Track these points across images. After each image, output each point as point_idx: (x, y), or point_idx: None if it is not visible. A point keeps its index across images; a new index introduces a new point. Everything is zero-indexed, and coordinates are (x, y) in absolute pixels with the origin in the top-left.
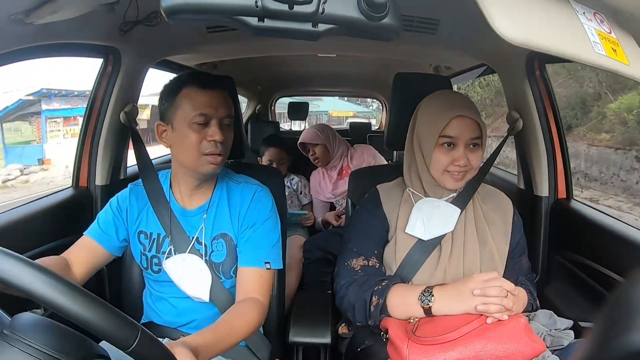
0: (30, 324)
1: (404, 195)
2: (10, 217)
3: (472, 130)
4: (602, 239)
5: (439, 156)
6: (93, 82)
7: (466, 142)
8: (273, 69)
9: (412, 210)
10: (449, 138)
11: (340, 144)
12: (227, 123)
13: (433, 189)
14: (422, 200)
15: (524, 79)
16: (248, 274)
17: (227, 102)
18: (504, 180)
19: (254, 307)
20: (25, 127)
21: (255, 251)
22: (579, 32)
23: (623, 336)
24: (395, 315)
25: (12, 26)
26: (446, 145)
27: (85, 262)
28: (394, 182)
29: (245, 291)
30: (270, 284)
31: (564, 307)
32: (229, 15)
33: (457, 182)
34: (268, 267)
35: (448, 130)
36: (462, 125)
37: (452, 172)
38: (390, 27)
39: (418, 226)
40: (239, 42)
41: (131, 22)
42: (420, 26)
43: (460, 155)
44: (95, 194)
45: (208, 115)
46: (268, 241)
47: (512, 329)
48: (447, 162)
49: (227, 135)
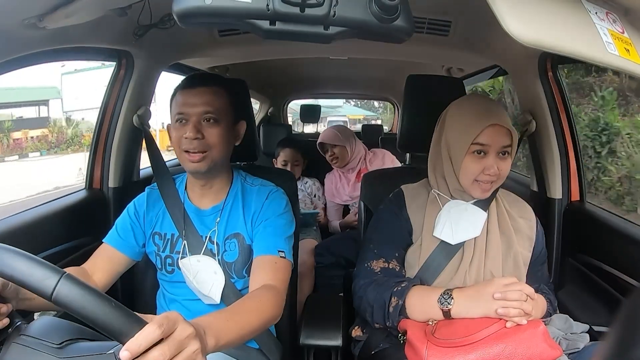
0: (41, 325)
1: (429, 197)
2: (25, 218)
3: (504, 139)
4: (617, 242)
5: (469, 164)
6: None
7: (497, 150)
8: (285, 72)
9: (441, 213)
10: (481, 146)
11: (360, 147)
12: (207, 119)
13: (460, 194)
14: (449, 202)
15: (536, 80)
16: (262, 261)
17: (210, 99)
18: (517, 182)
19: (267, 291)
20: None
21: (269, 240)
22: (591, 32)
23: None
24: (414, 317)
25: (26, 31)
26: (477, 153)
27: (106, 270)
28: (419, 184)
29: (259, 279)
30: (287, 274)
31: (578, 311)
32: (241, 18)
33: (485, 193)
34: (282, 256)
35: (481, 139)
36: (495, 133)
37: (481, 182)
38: (401, 29)
39: (446, 230)
40: (251, 45)
41: (145, 26)
42: (432, 28)
43: (490, 164)
44: (108, 196)
45: (185, 113)
46: (282, 233)
47: (531, 333)
48: (477, 171)
49: (208, 132)
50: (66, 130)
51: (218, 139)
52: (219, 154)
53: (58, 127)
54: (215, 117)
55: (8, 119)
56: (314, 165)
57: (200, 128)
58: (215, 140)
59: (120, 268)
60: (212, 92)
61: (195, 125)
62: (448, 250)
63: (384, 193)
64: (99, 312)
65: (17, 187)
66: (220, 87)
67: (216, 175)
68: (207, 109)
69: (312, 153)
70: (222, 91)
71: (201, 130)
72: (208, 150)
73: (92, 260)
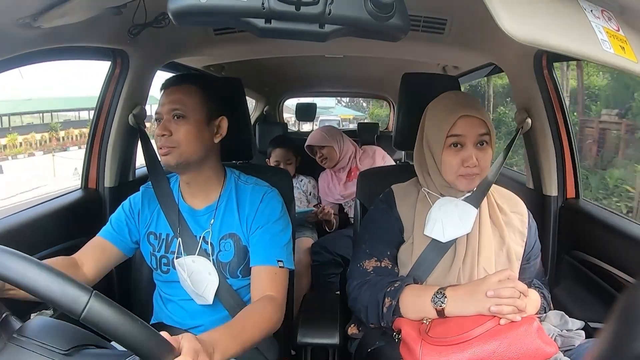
0: (40, 326)
1: (419, 196)
2: (20, 218)
3: (478, 128)
4: (612, 238)
5: (448, 158)
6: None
7: (474, 140)
8: (281, 71)
9: (431, 211)
10: (456, 137)
11: (348, 146)
12: (175, 115)
13: (447, 190)
14: (440, 200)
15: (532, 78)
16: (262, 272)
17: (178, 97)
18: (513, 179)
19: (269, 304)
20: None
21: (267, 250)
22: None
23: (636, 341)
24: (407, 316)
25: (20, 30)
26: (454, 145)
27: (96, 261)
28: (409, 182)
29: (260, 290)
30: (285, 282)
31: (573, 308)
32: (236, 17)
33: (470, 184)
34: (281, 266)
35: (455, 130)
36: (468, 124)
37: (464, 175)
38: (397, 27)
39: (437, 227)
40: (246, 44)
41: (140, 25)
42: (427, 26)
43: (469, 155)
44: (104, 195)
45: (159, 112)
46: (279, 240)
47: (525, 330)
48: (457, 164)
49: (175, 129)
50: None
51: (185, 135)
52: (188, 149)
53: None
54: (182, 113)
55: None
56: (310, 163)
57: (169, 125)
58: (181, 137)
59: (111, 262)
60: (182, 90)
61: (164, 123)
62: (440, 248)
63: (379, 191)
64: (128, 333)
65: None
66: (193, 85)
67: (200, 172)
68: (175, 107)
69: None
70: (194, 88)
71: (169, 128)
72: (176, 147)
73: (84, 250)
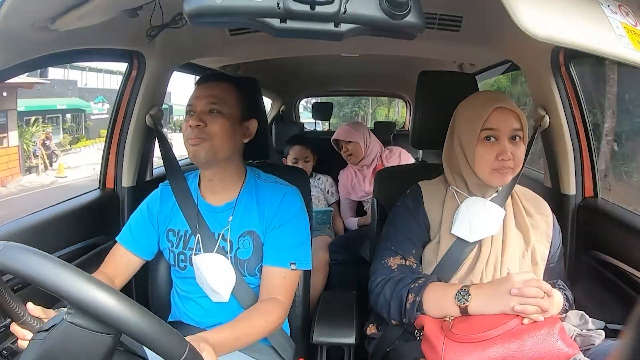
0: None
1: (447, 194)
2: (39, 218)
3: (512, 122)
4: (631, 238)
5: (482, 152)
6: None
7: (508, 134)
8: (296, 70)
9: (459, 210)
10: (491, 130)
11: (374, 144)
12: (212, 110)
13: (478, 188)
14: (467, 199)
15: (549, 75)
16: (272, 273)
17: (216, 92)
18: (530, 178)
19: (275, 307)
20: None
21: (281, 251)
22: (604, 26)
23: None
24: (430, 313)
25: (37, 33)
26: (488, 139)
27: (123, 276)
28: (437, 180)
29: (268, 291)
30: (295, 285)
31: (592, 308)
32: (252, 17)
33: (504, 178)
34: (294, 268)
35: (489, 123)
36: (503, 116)
37: (498, 170)
38: (412, 25)
39: (464, 227)
40: (262, 44)
41: (157, 27)
42: (443, 23)
43: (504, 149)
44: (121, 195)
45: (193, 105)
46: (295, 241)
47: (548, 331)
48: (491, 158)
49: (210, 121)
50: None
51: (219, 128)
52: (220, 143)
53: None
54: (219, 108)
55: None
56: (327, 162)
57: (204, 117)
58: (216, 129)
59: (135, 269)
60: (220, 87)
61: (198, 114)
62: (465, 247)
63: (397, 190)
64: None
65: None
66: (230, 84)
67: (224, 169)
68: (212, 101)
69: (322, 149)
70: (231, 87)
71: (204, 120)
72: (209, 139)
73: (111, 264)
